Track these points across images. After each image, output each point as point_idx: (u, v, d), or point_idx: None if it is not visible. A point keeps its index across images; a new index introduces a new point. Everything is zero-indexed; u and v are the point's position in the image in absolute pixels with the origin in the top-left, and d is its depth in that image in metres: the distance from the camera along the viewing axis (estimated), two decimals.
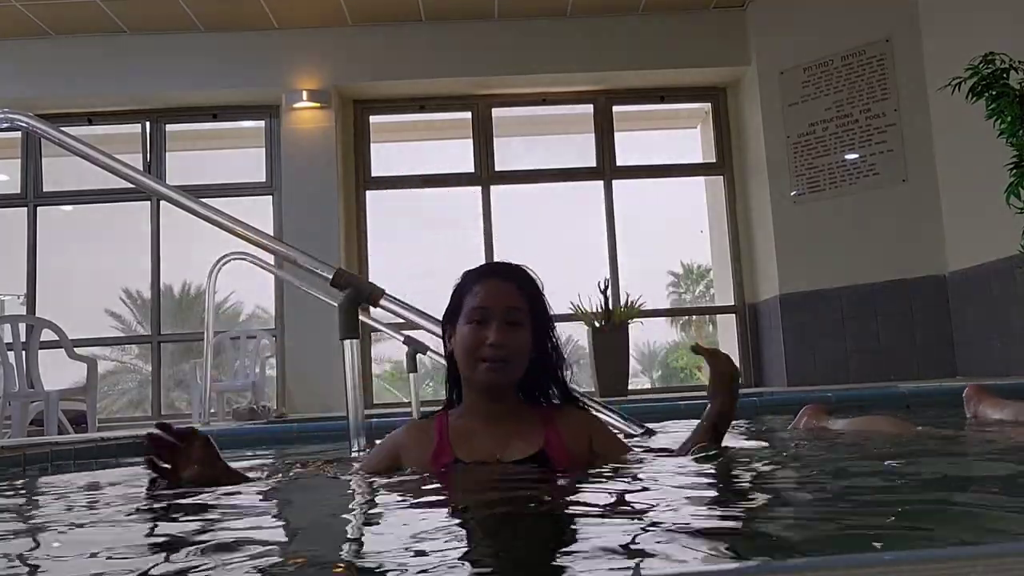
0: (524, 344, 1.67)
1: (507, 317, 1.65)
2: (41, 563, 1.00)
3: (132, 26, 7.18)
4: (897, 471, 1.54)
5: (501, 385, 1.68)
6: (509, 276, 1.72)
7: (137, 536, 1.20)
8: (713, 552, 0.87)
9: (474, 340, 1.65)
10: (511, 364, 1.66)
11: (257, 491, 1.60)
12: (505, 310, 1.66)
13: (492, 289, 1.68)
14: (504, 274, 1.73)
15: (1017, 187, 4.28)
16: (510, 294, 1.68)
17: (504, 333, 1.64)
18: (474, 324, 1.66)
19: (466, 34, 7.32)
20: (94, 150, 2.61)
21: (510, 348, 1.64)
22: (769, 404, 3.80)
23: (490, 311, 1.65)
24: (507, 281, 1.70)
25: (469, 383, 1.72)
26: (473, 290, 1.70)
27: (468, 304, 1.68)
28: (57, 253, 8.21)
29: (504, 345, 1.63)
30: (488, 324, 1.64)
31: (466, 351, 1.66)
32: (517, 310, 1.67)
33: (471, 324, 1.66)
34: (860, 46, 6.53)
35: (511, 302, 1.67)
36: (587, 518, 1.16)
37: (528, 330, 1.68)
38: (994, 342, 5.51)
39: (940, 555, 0.58)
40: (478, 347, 1.64)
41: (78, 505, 1.64)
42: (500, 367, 1.64)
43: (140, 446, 3.09)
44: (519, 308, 1.68)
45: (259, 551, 0.98)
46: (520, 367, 1.68)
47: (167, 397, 12.58)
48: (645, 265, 10.75)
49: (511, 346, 1.64)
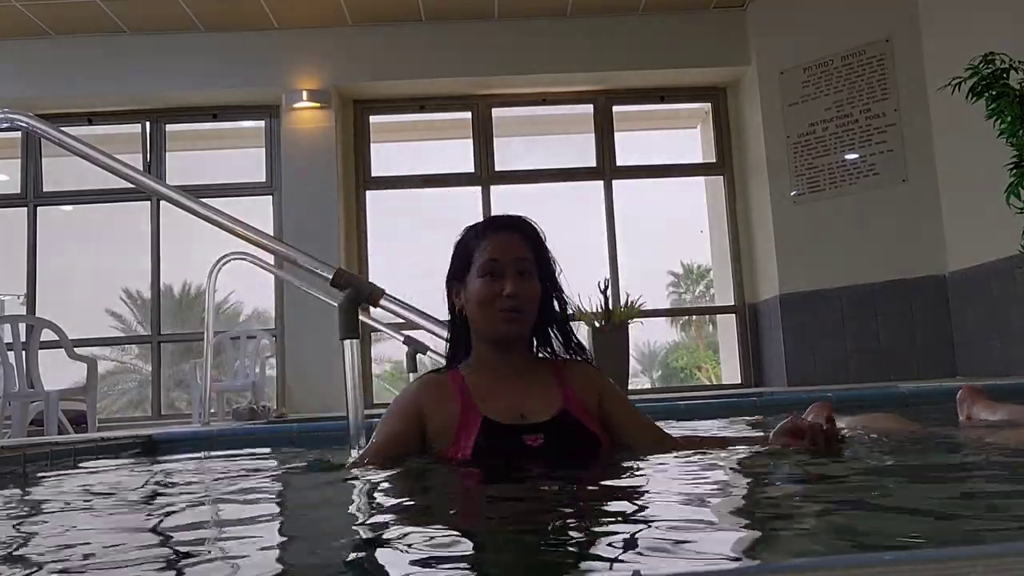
0: (536, 292, 1.72)
1: (517, 267, 1.70)
2: (41, 563, 1.00)
3: (132, 26, 7.18)
4: (897, 470, 1.54)
5: (519, 335, 1.73)
6: (514, 227, 1.76)
7: (136, 536, 1.20)
8: (713, 552, 0.87)
9: (489, 292, 1.68)
10: (525, 313, 1.71)
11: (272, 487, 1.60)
12: (515, 260, 1.70)
13: (501, 241, 1.72)
14: (510, 226, 1.77)
15: (1017, 187, 4.28)
16: (518, 245, 1.73)
17: (517, 283, 1.68)
18: (487, 277, 1.69)
19: (466, 34, 7.32)
20: (94, 150, 2.61)
21: (524, 297, 1.69)
22: (769, 404, 3.80)
23: (501, 263, 1.69)
24: (513, 232, 1.75)
25: (483, 336, 1.75)
26: (481, 244, 1.73)
27: (478, 258, 1.71)
28: (57, 253, 8.22)
29: (519, 295, 1.68)
30: (501, 276, 1.68)
31: (481, 304, 1.69)
32: (525, 260, 1.72)
33: (484, 277, 1.69)
34: (860, 46, 6.54)
35: (520, 252, 1.72)
36: (588, 519, 1.16)
37: (536, 280, 1.73)
38: (994, 342, 5.51)
39: (940, 555, 0.58)
40: (494, 299, 1.67)
41: (78, 505, 1.64)
42: (516, 316, 1.69)
43: (141, 446, 3.09)
44: (527, 258, 1.72)
45: (267, 548, 0.98)
46: (533, 316, 1.73)
47: (167, 397, 12.59)
48: (645, 265, 10.76)
49: (525, 295, 1.69)
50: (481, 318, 1.71)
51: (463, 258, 1.76)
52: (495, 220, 1.80)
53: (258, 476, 2.07)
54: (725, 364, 8.03)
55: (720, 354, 8.51)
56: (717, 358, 10.24)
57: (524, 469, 1.59)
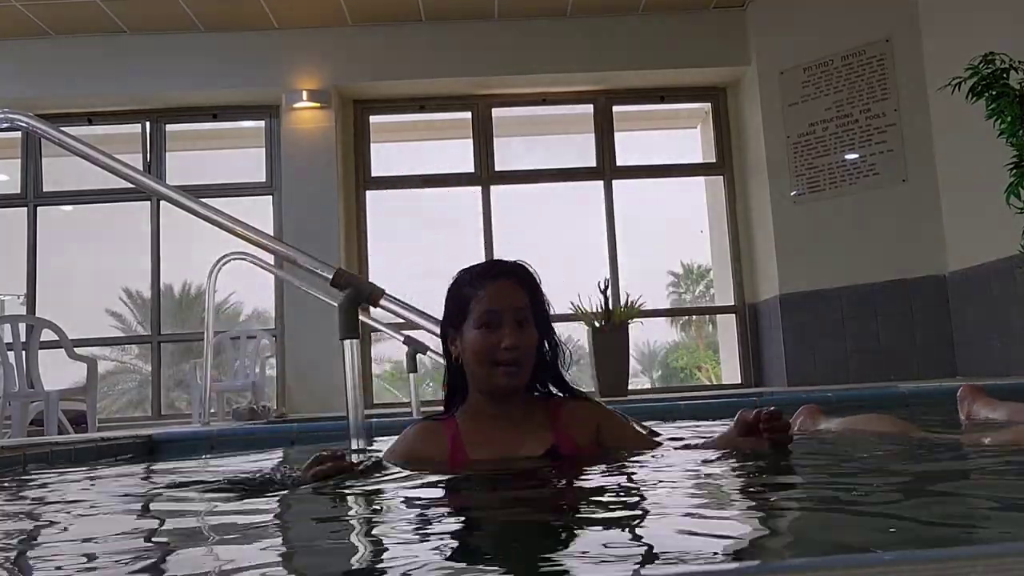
0: (534, 341, 1.69)
1: (516, 316, 1.66)
2: (40, 564, 1.00)
3: (132, 26, 7.18)
4: (896, 470, 1.54)
5: (517, 387, 1.70)
6: (511, 275, 1.72)
7: (136, 536, 1.20)
8: (713, 552, 0.87)
9: (487, 344, 1.65)
10: (523, 365, 1.67)
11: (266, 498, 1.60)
12: (513, 310, 1.67)
13: (499, 291, 1.68)
14: (507, 273, 1.72)
15: (1017, 187, 4.28)
16: (516, 293, 1.69)
17: (516, 334, 1.65)
18: (484, 328, 1.66)
19: (466, 34, 7.32)
20: (94, 150, 2.61)
21: (523, 348, 1.66)
22: (769, 404, 3.79)
23: (500, 313, 1.66)
24: (510, 280, 1.71)
25: (480, 387, 1.72)
26: (479, 294, 1.69)
27: (475, 308, 1.68)
28: (57, 253, 8.22)
29: (517, 347, 1.64)
30: (499, 327, 1.65)
31: (479, 356, 1.66)
32: (523, 308, 1.68)
33: (481, 328, 1.66)
34: (860, 46, 6.53)
35: (517, 302, 1.68)
36: (588, 518, 1.16)
37: (533, 328, 1.70)
38: (994, 342, 5.51)
39: (940, 555, 0.58)
40: (492, 351, 1.64)
41: (77, 506, 1.64)
42: (515, 371, 1.66)
43: (142, 446, 3.09)
44: (524, 307, 1.69)
45: (267, 547, 0.98)
46: (530, 365, 1.70)
47: (167, 397, 12.59)
48: (645, 265, 10.76)
49: (523, 345, 1.66)
50: (479, 370, 1.68)
51: (459, 305, 1.72)
52: (493, 267, 1.75)
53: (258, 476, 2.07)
54: (725, 364, 8.03)
55: (720, 354, 8.51)
56: (717, 358, 10.24)
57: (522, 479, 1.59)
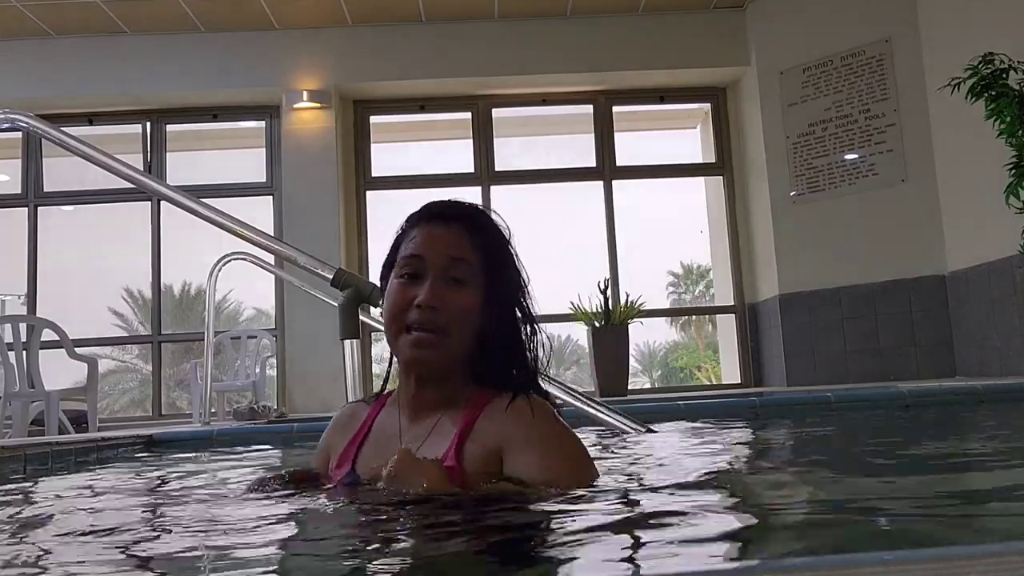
0: (468, 308, 1.26)
1: (447, 272, 1.26)
2: (41, 564, 1.00)
3: (132, 26, 7.18)
4: (896, 471, 1.54)
5: (429, 364, 1.26)
6: (452, 218, 1.31)
7: (136, 537, 1.20)
8: (713, 552, 0.87)
9: (400, 300, 1.26)
10: (446, 336, 1.24)
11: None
12: (445, 262, 1.26)
13: (429, 235, 1.29)
14: (448, 215, 1.31)
15: (1017, 187, 4.29)
16: (453, 241, 1.28)
17: (439, 291, 1.24)
18: (403, 279, 1.27)
19: (466, 34, 7.32)
20: (94, 150, 2.61)
21: (447, 312, 1.24)
22: (769, 404, 3.80)
23: (423, 261, 1.27)
24: (451, 224, 1.30)
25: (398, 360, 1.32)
26: (410, 235, 1.32)
27: (400, 254, 1.31)
28: (57, 253, 8.22)
29: (437, 307, 1.23)
30: (420, 280, 1.26)
31: (390, 313, 1.27)
32: (462, 262, 1.27)
33: (399, 279, 1.28)
34: (860, 46, 6.53)
35: (453, 250, 1.27)
36: (589, 519, 1.16)
37: (477, 291, 1.27)
38: (994, 342, 5.51)
39: (940, 555, 0.58)
40: (404, 310, 1.25)
41: (78, 505, 1.64)
42: (429, 339, 1.24)
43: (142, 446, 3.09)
44: (464, 260, 1.27)
45: (266, 547, 0.98)
46: (460, 342, 1.26)
47: (167, 397, 12.59)
48: (645, 265, 10.75)
49: (449, 309, 1.24)
50: (388, 334, 1.29)
51: (392, 251, 1.36)
52: (433, 207, 1.35)
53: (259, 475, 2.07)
54: (725, 364, 8.03)
55: (720, 354, 8.51)
56: (717, 358, 10.24)
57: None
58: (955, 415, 2.50)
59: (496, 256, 1.31)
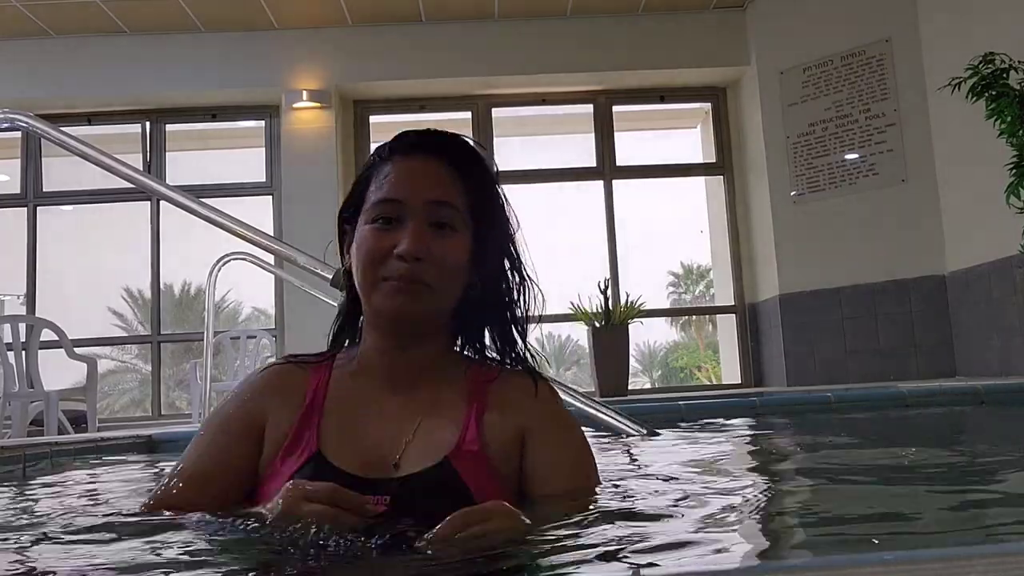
0: (457, 257, 1.11)
1: (429, 215, 1.10)
2: (40, 564, 1.00)
3: (132, 26, 7.18)
4: (896, 472, 1.54)
5: (412, 317, 1.09)
6: (434, 150, 1.15)
7: (135, 537, 1.20)
8: (714, 552, 0.87)
9: (376, 248, 1.09)
10: (431, 287, 1.08)
11: None
12: (427, 204, 1.10)
13: (408, 172, 1.12)
14: (427, 147, 1.15)
15: (1017, 187, 4.28)
16: (436, 179, 1.12)
17: (424, 238, 1.08)
18: (378, 225, 1.10)
19: (466, 34, 7.32)
20: (94, 150, 2.61)
21: (433, 261, 1.08)
22: (769, 404, 3.80)
23: (404, 206, 1.10)
24: (431, 157, 1.14)
25: (368, 316, 1.15)
26: (382, 172, 1.14)
27: (373, 194, 1.13)
28: (57, 253, 8.22)
29: (423, 256, 1.07)
30: (400, 225, 1.09)
31: (364, 264, 1.10)
32: (447, 206, 1.11)
33: (374, 225, 1.10)
34: (860, 46, 6.53)
35: (437, 191, 1.11)
36: (588, 519, 1.16)
37: (465, 238, 1.12)
38: (994, 342, 5.51)
39: (940, 555, 0.58)
40: (382, 259, 1.08)
41: (77, 506, 1.64)
42: (414, 289, 1.07)
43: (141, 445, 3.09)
44: (449, 203, 1.11)
45: (265, 546, 0.98)
46: (447, 293, 1.11)
47: (167, 397, 12.60)
48: (645, 265, 10.76)
49: (435, 257, 1.08)
50: (362, 285, 1.11)
51: (358, 190, 1.18)
52: (412, 137, 1.17)
53: None
54: (725, 364, 8.03)
55: (720, 354, 8.51)
56: (717, 358, 10.24)
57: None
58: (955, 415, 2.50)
59: (486, 197, 1.16)
